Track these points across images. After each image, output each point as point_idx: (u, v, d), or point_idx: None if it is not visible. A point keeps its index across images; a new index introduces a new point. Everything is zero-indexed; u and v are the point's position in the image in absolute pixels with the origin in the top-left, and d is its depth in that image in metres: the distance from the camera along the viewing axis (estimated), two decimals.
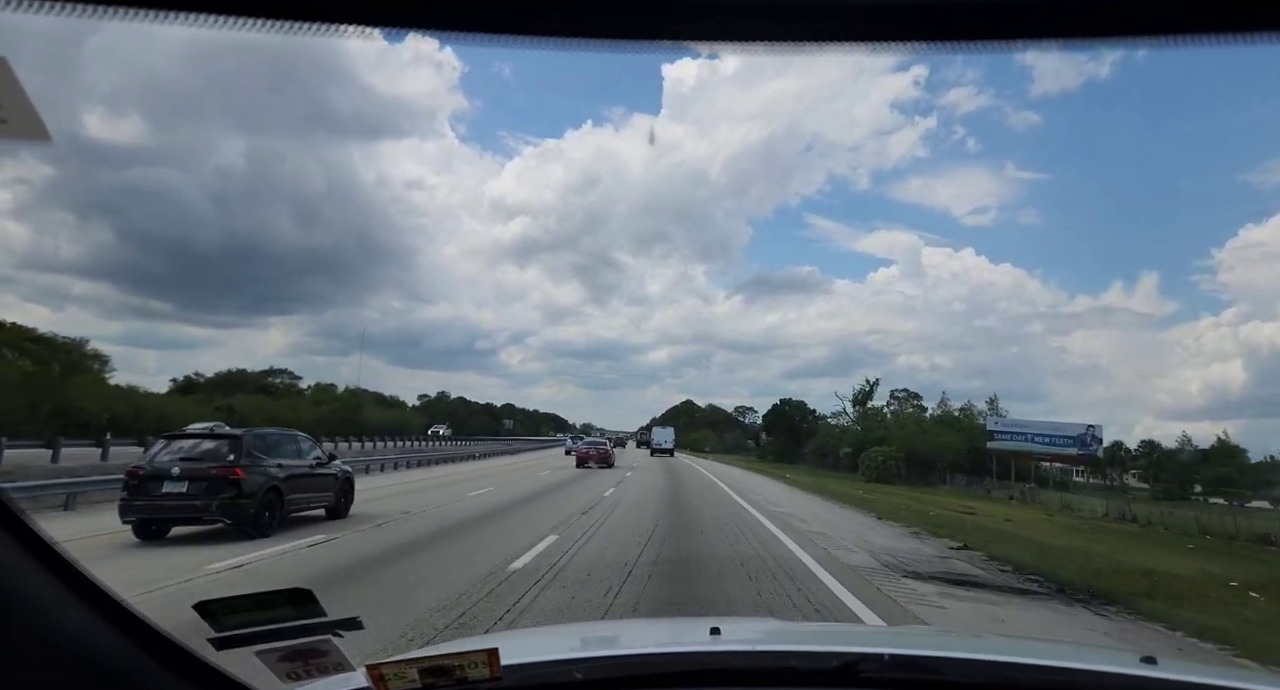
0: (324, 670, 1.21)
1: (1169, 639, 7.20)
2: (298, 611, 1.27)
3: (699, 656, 1.53)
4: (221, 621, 1.23)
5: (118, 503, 10.96)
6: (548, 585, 8.22)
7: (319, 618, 1.28)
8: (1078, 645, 3.06)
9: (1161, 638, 7.26)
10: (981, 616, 7.75)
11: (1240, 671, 3.61)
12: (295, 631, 1.24)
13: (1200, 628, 7.41)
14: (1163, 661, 1.53)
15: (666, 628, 2.79)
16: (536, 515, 15.53)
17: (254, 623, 1.24)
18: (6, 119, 0.66)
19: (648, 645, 1.61)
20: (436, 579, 8.48)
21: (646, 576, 8.81)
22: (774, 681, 1.46)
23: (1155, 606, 8.50)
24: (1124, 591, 9.19)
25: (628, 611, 7.09)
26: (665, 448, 66.65)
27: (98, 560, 9.16)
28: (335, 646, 1.23)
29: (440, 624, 6.53)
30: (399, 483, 23.50)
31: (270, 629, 1.23)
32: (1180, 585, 10.35)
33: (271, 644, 1.21)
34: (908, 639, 2.33)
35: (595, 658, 1.52)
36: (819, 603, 7.83)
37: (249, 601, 1.26)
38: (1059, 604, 8.61)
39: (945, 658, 1.53)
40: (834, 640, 1.98)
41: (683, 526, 14.36)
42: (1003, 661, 1.52)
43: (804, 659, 1.53)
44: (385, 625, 6.22)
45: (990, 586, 9.47)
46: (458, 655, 1.23)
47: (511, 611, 7.00)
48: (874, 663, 1.41)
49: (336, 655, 1.23)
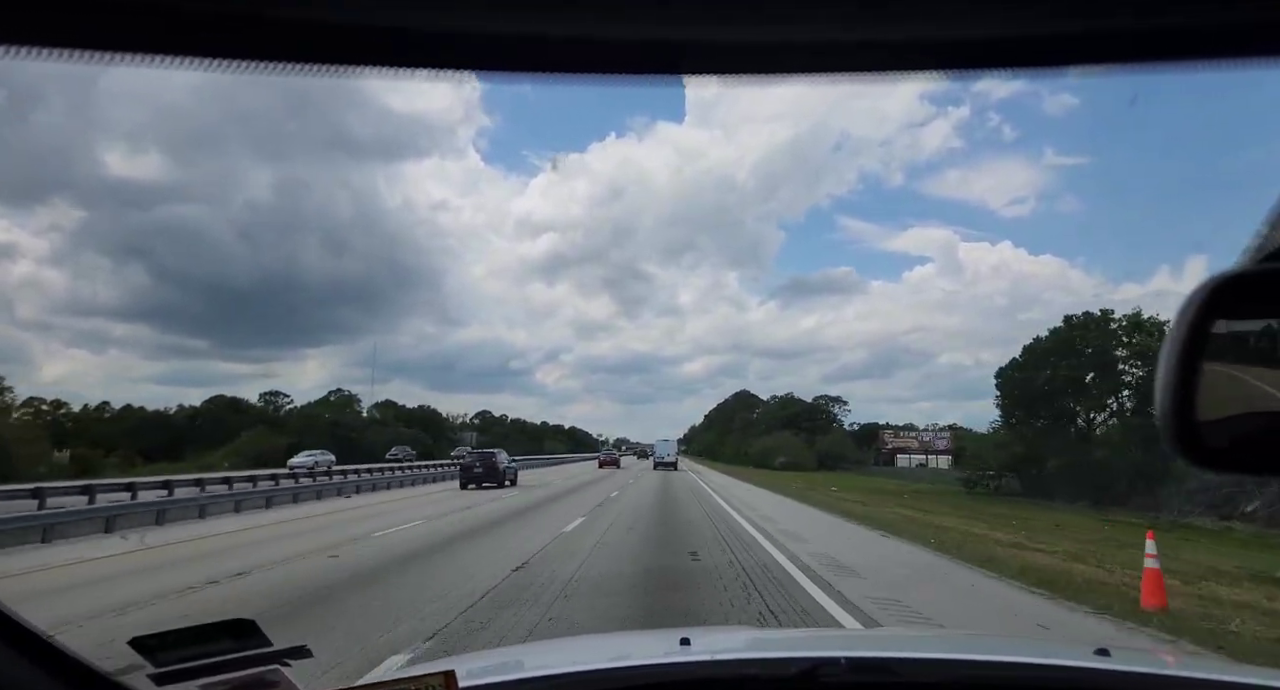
0: None
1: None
2: (240, 643, 1.23)
3: (661, 669, 1.54)
4: (159, 657, 1.18)
5: (458, 475, 31.85)
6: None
7: (264, 647, 1.23)
8: (1031, 640, 3.19)
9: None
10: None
11: (1190, 661, 3.74)
12: (241, 662, 1.19)
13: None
14: (1116, 653, 1.57)
15: (636, 640, 2.77)
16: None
17: (194, 656, 1.19)
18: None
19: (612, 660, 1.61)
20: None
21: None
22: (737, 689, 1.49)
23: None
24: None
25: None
26: (668, 461, 62.52)
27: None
28: (285, 676, 1.20)
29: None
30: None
31: (214, 662, 1.18)
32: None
33: (217, 677, 1.16)
34: (869, 642, 2.39)
35: (557, 675, 1.51)
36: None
37: (187, 635, 1.22)
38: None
39: (902, 658, 1.59)
40: (797, 646, 2.01)
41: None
42: (958, 659, 1.59)
43: (764, 666, 1.57)
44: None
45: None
46: (413, 679, 1.21)
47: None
48: (833, 667, 1.45)
49: (287, 685, 1.19)
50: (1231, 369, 0.71)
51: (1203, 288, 0.71)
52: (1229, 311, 0.70)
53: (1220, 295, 0.70)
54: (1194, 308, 0.70)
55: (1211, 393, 0.70)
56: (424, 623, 7.18)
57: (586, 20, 0.57)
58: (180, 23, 0.52)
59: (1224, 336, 0.71)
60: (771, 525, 16.98)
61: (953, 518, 22.01)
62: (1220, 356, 0.71)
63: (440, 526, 16.53)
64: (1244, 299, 0.71)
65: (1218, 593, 9.83)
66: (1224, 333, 0.71)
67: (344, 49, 0.57)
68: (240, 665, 1.18)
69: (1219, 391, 0.70)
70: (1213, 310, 0.70)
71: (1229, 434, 0.70)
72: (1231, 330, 0.71)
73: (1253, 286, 0.70)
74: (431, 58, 0.60)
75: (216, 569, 10.51)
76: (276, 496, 23.77)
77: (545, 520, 17.74)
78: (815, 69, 0.59)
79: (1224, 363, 0.71)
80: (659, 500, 24.82)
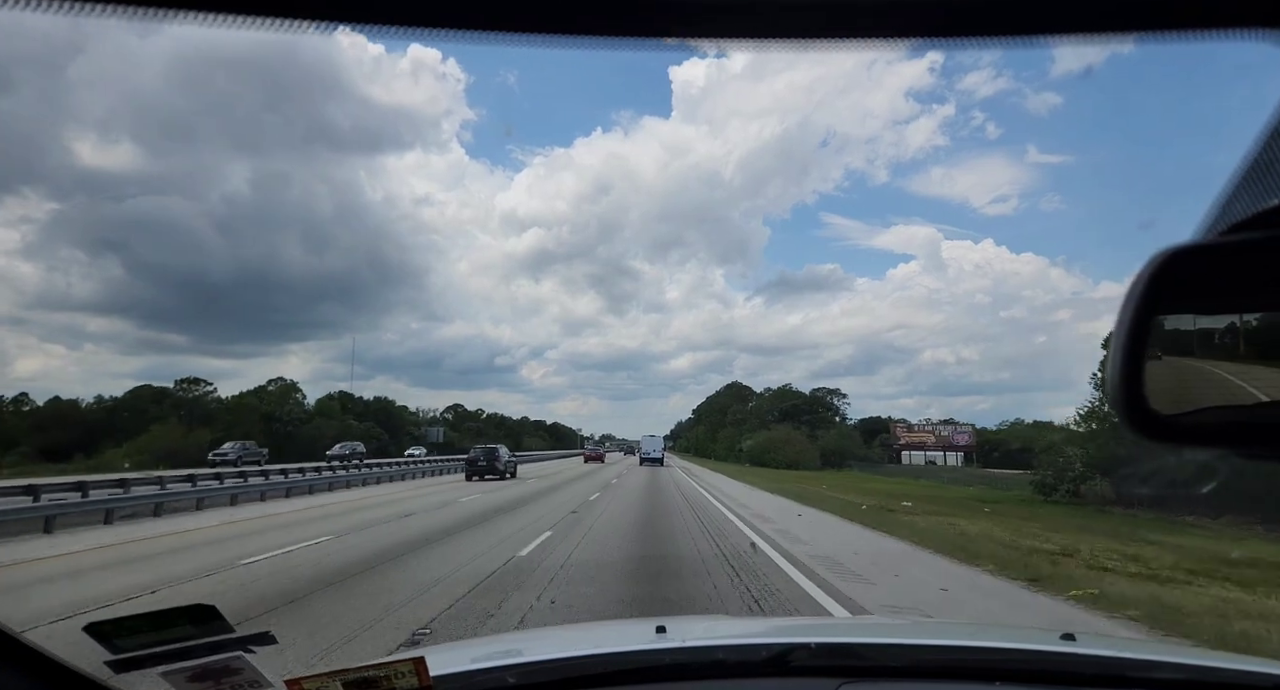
0: (239, 688, 1.14)
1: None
2: (201, 629, 1.20)
3: (632, 656, 1.53)
4: (116, 643, 1.15)
5: (464, 468, 36.49)
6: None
7: (226, 634, 1.21)
8: (999, 625, 3.23)
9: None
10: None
11: (1152, 645, 3.71)
12: (203, 649, 1.16)
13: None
14: (1081, 638, 1.61)
15: (611, 630, 2.76)
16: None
17: (154, 642, 1.16)
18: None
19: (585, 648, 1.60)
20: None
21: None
22: (706, 675, 1.49)
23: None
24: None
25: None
26: (654, 457, 62.66)
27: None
28: (249, 663, 1.17)
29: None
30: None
31: (174, 648, 1.15)
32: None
33: (178, 664, 1.13)
34: (838, 629, 2.40)
35: (528, 663, 1.50)
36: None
37: (145, 621, 1.18)
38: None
39: (870, 644, 1.60)
40: (770, 633, 2.02)
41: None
42: (926, 644, 1.61)
43: (734, 651, 1.57)
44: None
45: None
46: (383, 665, 1.19)
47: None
48: (803, 652, 1.46)
49: (251, 672, 1.16)
50: (1182, 344, 0.72)
51: (1153, 261, 0.71)
52: (1179, 286, 0.71)
53: (1170, 268, 0.70)
54: (1144, 281, 0.71)
55: (1163, 368, 0.71)
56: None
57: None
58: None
59: (1174, 312, 0.71)
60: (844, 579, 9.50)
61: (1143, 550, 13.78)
62: (1172, 336, 0.71)
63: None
64: (1193, 273, 0.71)
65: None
66: (1173, 309, 0.71)
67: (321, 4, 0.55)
68: (202, 652, 1.15)
69: (1171, 367, 0.71)
70: (1162, 284, 0.70)
71: (1183, 409, 0.70)
72: (1181, 304, 0.72)
73: (1201, 259, 0.71)
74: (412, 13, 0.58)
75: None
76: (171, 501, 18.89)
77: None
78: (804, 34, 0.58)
79: (1175, 338, 0.71)
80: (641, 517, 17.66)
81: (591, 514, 17.83)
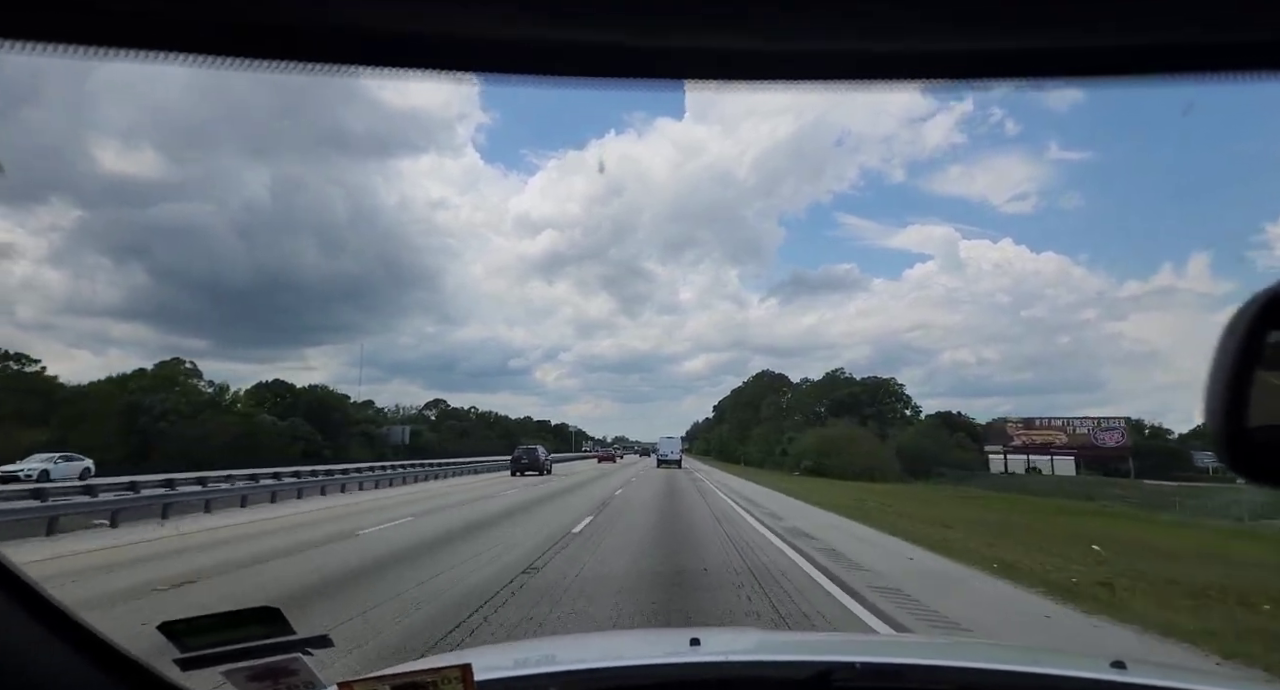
0: (294, 689, 1.20)
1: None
2: (265, 630, 1.26)
3: (673, 668, 1.54)
4: (186, 641, 1.21)
5: (510, 466, 43.71)
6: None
7: (288, 636, 1.26)
8: (1047, 650, 3.11)
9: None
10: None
11: (1209, 675, 3.50)
12: (264, 650, 1.22)
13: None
14: (1131, 666, 1.55)
15: (646, 639, 2.78)
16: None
17: (220, 642, 1.23)
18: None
19: (624, 658, 1.62)
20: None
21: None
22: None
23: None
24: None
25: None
26: (671, 459, 60.57)
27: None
28: (305, 664, 1.22)
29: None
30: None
31: (238, 648, 1.21)
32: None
33: (239, 664, 1.19)
34: (882, 648, 2.36)
35: (570, 671, 1.52)
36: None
37: (214, 620, 1.24)
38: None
39: (915, 665, 1.57)
40: (810, 650, 2.00)
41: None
42: (971, 667, 1.57)
43: (778, 669, 1.56)
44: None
45: None
46: (431, 671, 1.23)
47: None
48: (846, 671, 1.44)
49: (306, 673, 1.21)
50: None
51: (1257, 298, 0.71)
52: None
53: (1275, 306, 0.70)
54: (1248, 317, 0.70)
55: (1264, 404, 0.70)
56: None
57: (588, 26, 0.58)
58: (182, 21, 0.54)
59: (1276, 347, 0.71)
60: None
61: None
62: (1274, 366, 0.71)
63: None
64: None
65: None
66: (1276, 343, 0.71)
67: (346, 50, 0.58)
68: (263, 652, 1.21)
69: (1272, 403, 0.70)
70: (1267, 320, 0.70)
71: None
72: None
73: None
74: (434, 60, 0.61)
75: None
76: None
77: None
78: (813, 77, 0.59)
79: (1276, 373, 0.70)
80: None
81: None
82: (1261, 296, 0.71)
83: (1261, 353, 0.70)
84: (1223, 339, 0.71)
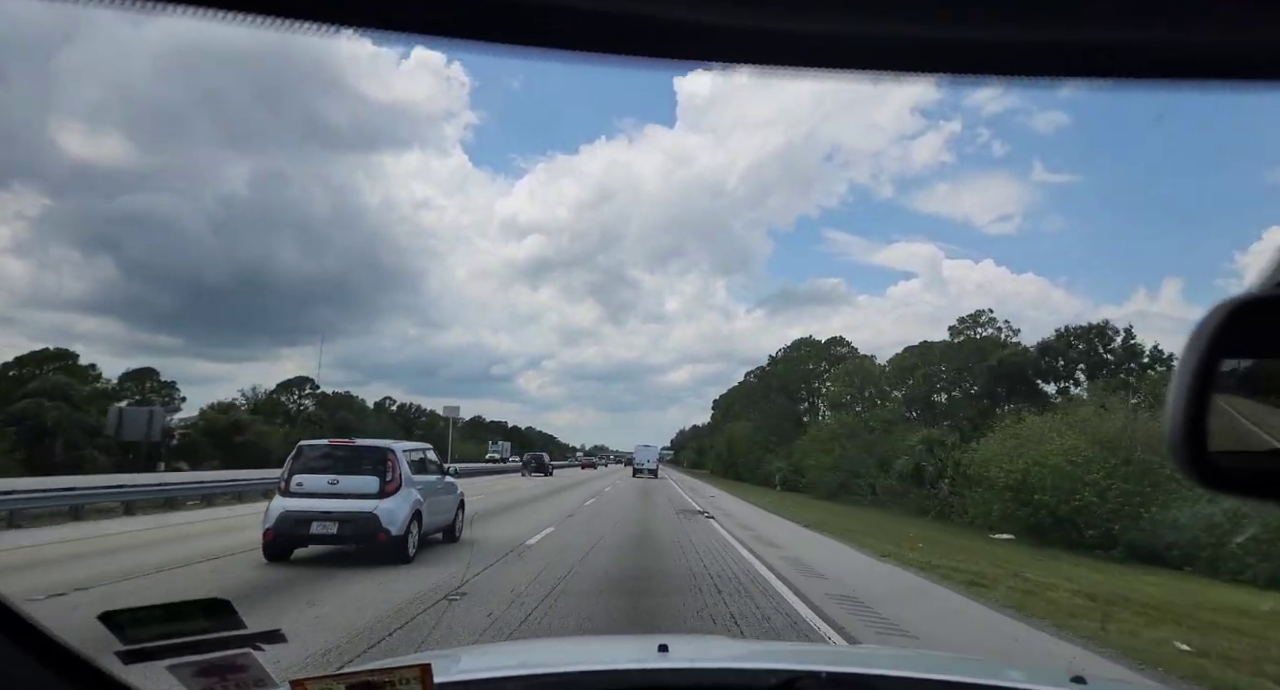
0: (244, 686, 1.15)
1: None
2: (214, 623, 1.21)
3: (638, 673, 1.52)
4: (129, 633, 1.16)
5: (520, 468, 53.14)
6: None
7: (238, 630, 1.21)
8: (1009, 665, 3.15)
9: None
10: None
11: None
12: (212, 644, 1.17)
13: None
14: (1092, 682, 1.58)
15: (614, 645, 2.76)
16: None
17: (165, 635, 1.17)
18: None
19: (590, 663, 1.60)
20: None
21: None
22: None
23: None
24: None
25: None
26: (648, 468, 58.52)
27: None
28: (256, 660, 1.17)
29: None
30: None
31: (184, 642, 1.16)
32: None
33: (186, 657, 1.14)
34: (847, 658, 2.37)
35: (533, 675, 1.49)
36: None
37: (159, 612, 1.19)
38: None
39: (881, 675, 1.57)
40: (777, 658, 2.00)
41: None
42: (935, 680, 1.57)
43: (744, 676, 1.56)
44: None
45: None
46: (388, 670, 1.19)
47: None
48: (812, 681, 1.44)
49: (257, 670, 1.17)
50: (1245, 393, 0.71)
51: (1218, 310, 0.70)
52: (1243, 335, 0.70)
53: (1236, 318, 0.70)
54: (1208, 330, 0.70)
55: (1224, 417, 0.70)
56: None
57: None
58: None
59: (1238, 360, 0.71)
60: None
61: None
62: (1233, 381, 0.71)
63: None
64: (1259, 323, 0.70)
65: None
66: (1237, 356, 0.71)
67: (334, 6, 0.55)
68: (212, 647, 1.16)
69: (1232, 416, 0.70)
70: (1227, 333, 0.70)
71: (1240, 458, 0.70)
72: (1245, 353, 0.71)
73: (1267, 310, 0.70)
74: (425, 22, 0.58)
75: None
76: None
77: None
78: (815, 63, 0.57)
79: (1238, 386, 0.71)
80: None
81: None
82: (1222, 307, 0.70)
83: (1220, 366, 0.70)
84: (1183, 352, 0.71)
